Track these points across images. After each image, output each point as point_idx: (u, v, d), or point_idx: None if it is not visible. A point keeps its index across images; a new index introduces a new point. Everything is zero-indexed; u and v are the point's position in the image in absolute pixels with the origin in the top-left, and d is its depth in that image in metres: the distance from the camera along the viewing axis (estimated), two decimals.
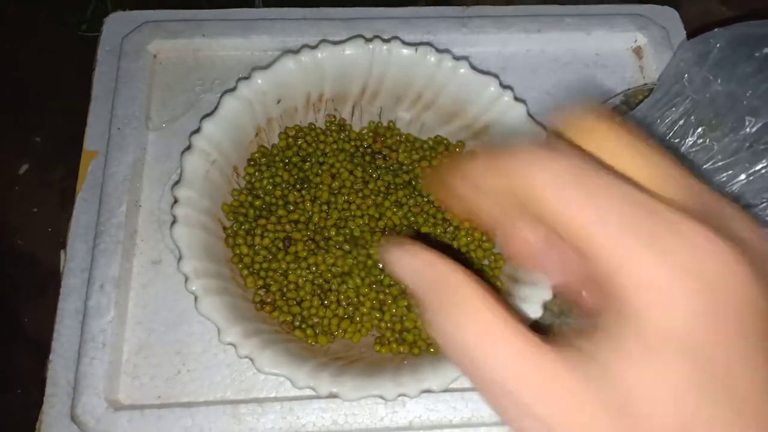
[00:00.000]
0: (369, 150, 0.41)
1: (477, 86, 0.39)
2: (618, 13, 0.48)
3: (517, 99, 0.38)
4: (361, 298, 0.37)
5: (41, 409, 0.36)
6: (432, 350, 0.35)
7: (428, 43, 0.39)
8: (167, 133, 0.43)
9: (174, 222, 0.33)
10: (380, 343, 0.36)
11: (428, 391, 0.32)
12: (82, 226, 0.40)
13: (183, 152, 0.35)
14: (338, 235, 0.38)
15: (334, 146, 0.40)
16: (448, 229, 0.39)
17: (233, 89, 0.37)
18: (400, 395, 0.31)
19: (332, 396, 0.31)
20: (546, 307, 0.33)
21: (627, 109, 0.38)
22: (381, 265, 0.37)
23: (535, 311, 0.33)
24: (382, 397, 0.31)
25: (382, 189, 0.39)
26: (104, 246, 0.38)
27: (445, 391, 0.36)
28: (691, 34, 0.48)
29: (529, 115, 0.38)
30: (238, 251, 0.37)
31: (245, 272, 0.37)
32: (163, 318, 0.38)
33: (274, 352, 0.32)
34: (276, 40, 0.44)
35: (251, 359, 0.32)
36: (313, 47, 0.38)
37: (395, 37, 0.39)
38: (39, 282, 0.67)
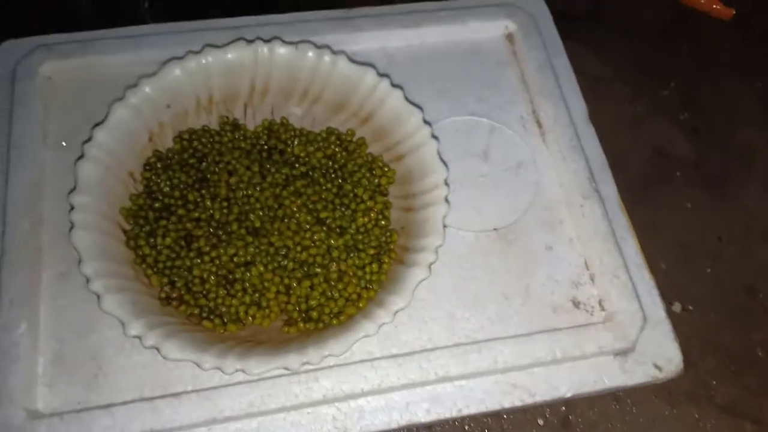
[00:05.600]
0: (265, 147, 0.43)
1: (356, 77, 0.42)
2: (488, 4, 0.52)
3: (393, 85, 0.41)
4: (266, 284, 0.38)
5: None
6: (335, 322, 0.37)
7: (308, 41, 0.42)
8: (66, 150, 0.44)
9: (72, 227, 0.35)
10: (288, 324, 0.38)
11: (331, 356, 0.34)
12: None
13: (76, 161, 0.36)
14: (240, 228, 0.40)
15: (230, 145, 0.42)
16: (345, 213, 0.41)
17: (121, 98, 0.38)
18: (303, 364, 0.34)
19: (239, 371, 0.33)
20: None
21: None
22: (284, 252, 0.39)
23: (424, 273, 0.36)
24: (286, 368, 0.33)
25: (281, 181, 0.42)
26: (10, 262, 0.39)
27: (356, 362, 0.39)
28: (556, 17, 0.53)
29: (407, 99, 0.41)
30: (140, 253, 0.38)
31: (149, 272, 0.38)
32: (76, 326, 0.39)
33: (179, 341, 0.34)
34: (165, 52, 0.46)
35: (157, 348, 0.33)
36: (197, 52, 0.40)
37: (276, 37, 0.42)
38: None
